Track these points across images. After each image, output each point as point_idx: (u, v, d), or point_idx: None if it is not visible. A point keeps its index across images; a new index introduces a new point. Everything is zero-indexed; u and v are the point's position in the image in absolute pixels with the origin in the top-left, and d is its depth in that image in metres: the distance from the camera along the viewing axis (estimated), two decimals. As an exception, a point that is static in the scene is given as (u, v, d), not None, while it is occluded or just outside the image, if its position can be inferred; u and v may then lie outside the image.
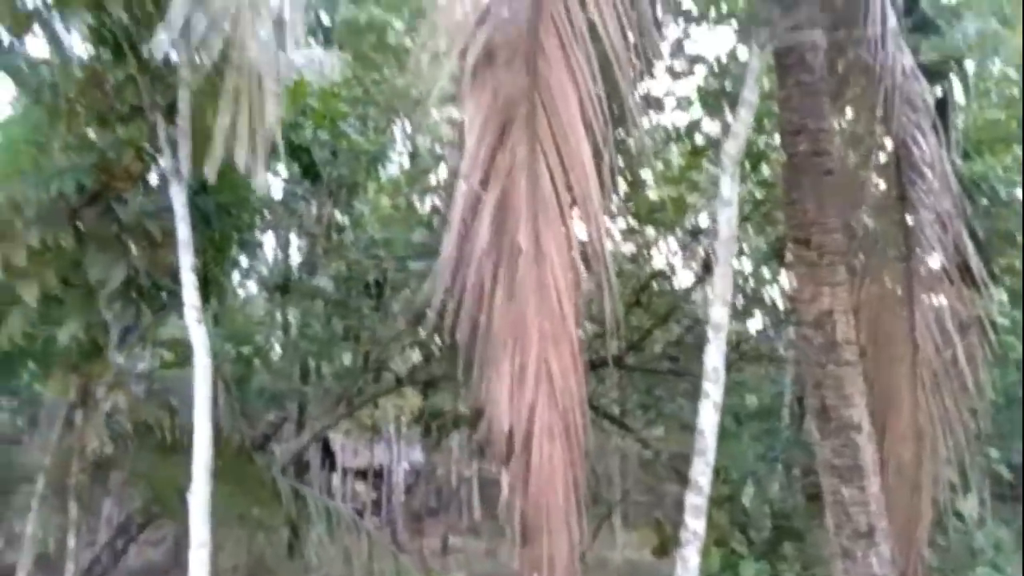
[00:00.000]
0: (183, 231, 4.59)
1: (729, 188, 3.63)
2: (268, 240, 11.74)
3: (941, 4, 5.94)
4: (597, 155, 3.34)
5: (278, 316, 11.95)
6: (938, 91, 5.73)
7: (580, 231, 3.31)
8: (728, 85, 7.78)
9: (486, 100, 3.18)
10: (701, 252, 9.97)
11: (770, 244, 9.17)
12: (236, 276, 11.36)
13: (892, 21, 4.09)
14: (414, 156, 11.97)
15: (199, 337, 4.58)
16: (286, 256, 12.31)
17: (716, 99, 7.97)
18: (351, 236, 11.21)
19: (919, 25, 5.04)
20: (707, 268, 9.42)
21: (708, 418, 3.54)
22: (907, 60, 4.48)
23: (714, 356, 3.52)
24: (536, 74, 3.31)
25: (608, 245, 3.29)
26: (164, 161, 4.85)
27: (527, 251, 3.03)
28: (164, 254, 5.28)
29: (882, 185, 5.43)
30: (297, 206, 11.16)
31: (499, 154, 3.13)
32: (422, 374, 10.48)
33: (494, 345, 3.05)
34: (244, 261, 11.04)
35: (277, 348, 11.94)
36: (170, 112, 5.21)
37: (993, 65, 8.63)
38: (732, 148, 3.67)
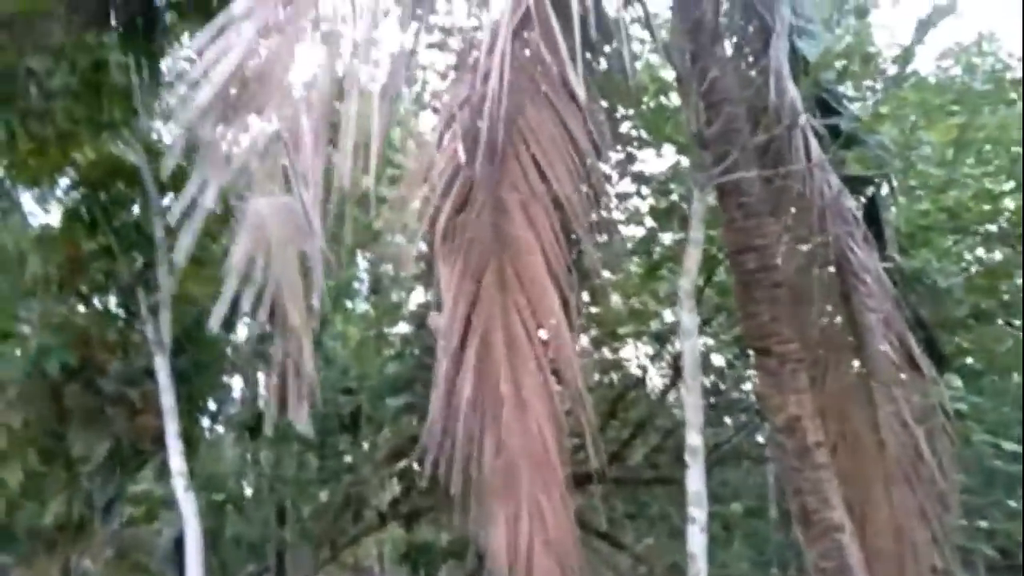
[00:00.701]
0: (168, 400, 4.65)
1: (688, 320, 3.88)
2: (236, 381, 11.63)
3: (860, 119, 6.47)
4: (562, 293, 3.59)
5: (249, 458, 11.70)
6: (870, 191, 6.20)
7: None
8: (676, 198, 8.25)
9: (457, 263, 3.43)
10: (670, 356, 10.17)
11: (733, 344, 9.43)
12: (206, 421, 11.17)
13: (816, 151, 4.50)
14: (377, 289, 12.15)
15: (188, 505, 4.58)
16: (255, 397, 12.18)
17: (666, 215, 8.42)
18: (322, 373, 11.21)
19: (844, 144, 5.50)
20: (677, 371, 9.60)
21: (697, 541, 3.65)
22: (834, 180, 4.89)
23: (695, 480, 3.67)
24: (500, 230, 3.60)
25: (580, 362, 3.50)
26: (147, 331, 4.96)
27: (509, 400, 3.20)
28: (145, 420, 5.30)
29: (830, 286, 5.75)
30: (264, 347, 11.13)
31: (474, 312, 3.36)
32: (405, 507, 10.31)
33: (487, 493, 3.18)
34: (212, 405, 10.91)
35: (249, 492, 11.64)
36: (147, 280, 5.38)
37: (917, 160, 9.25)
38: (686, 283, 3.94)
